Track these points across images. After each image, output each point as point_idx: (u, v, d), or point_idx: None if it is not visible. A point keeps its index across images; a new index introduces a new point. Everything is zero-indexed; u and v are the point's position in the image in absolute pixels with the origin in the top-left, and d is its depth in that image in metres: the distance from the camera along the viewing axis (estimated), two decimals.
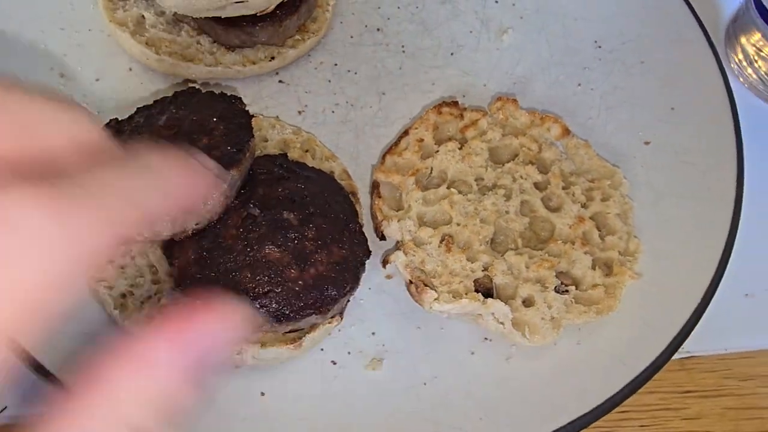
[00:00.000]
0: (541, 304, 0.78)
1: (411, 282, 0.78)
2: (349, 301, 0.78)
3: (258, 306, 0.70)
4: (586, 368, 0.77)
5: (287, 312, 0.71)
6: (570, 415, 0.73)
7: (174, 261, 0.73)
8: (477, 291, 0.77)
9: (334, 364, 0.78)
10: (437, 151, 0.86)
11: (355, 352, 0.79)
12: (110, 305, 0.75)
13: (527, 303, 0.78)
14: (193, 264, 0.72)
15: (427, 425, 0.74)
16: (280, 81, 0.96)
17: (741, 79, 1.06)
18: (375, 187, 0.85)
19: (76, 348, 0.74)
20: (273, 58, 0.94)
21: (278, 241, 0.73)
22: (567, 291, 0.79)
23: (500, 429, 0.73)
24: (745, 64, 1.06)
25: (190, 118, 0.76)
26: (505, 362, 0.79)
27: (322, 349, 0.79)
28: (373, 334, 0.80)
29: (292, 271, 0.72)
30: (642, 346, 0.78)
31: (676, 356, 0.85)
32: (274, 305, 0.71)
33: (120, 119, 0.80)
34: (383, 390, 0.76)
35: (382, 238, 0.82)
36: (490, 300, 0.77)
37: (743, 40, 1.06)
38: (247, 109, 0.78)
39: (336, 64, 0.98)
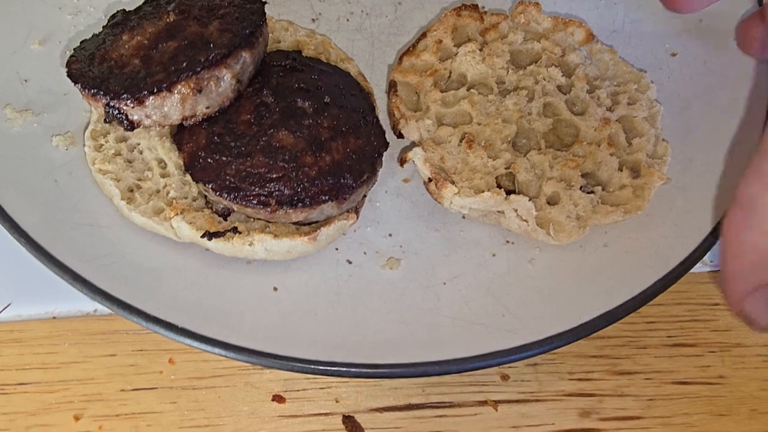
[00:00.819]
0: (566, 202, 0.74)
1: (430, 179, 0.74)
2: (365, 195, 0.74)
3: (271, 190, 0.67)
4: (612, 269, 0.74)
5: (302, 196, 0.67)
6: (596, 311, 0.69)
7: (183, 146, 0.70)
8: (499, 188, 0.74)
9: (350, 263, 0.75)
10: (456, 54, 0.83)
11: (372, 252, 0.76)
12: (117, 196, 0.72)
13: (552, 201, 0.75)
14: (204, 149, 0.69)
15: (446, 321, 0.71)
16: None
17: None
18: (392, 86, 0.82)
19: (81, 236, 0.72)
20: None
21: (292, 127, 0.70)
22: (593, 192, 0.76)
23: (524, 325, 0.69)
24: None
25: (200, 4, 0.73)
26: (528, 264, 0.75)
27: (336, 249, 0.75)
28: (390, 235, 0.77)
29: (307, 157, 0.69)
30: (670, 248, 0.74)
31: (705, 269, 0.82)
32: (287, 190, 0.67)
33: (127, 10, 0.77)
34: (400, 288, 0.73)
35: (400, 136, 0.79)
36: (513, 196, 0.73)
37: None
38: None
39: None
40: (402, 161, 0.77)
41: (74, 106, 0.81)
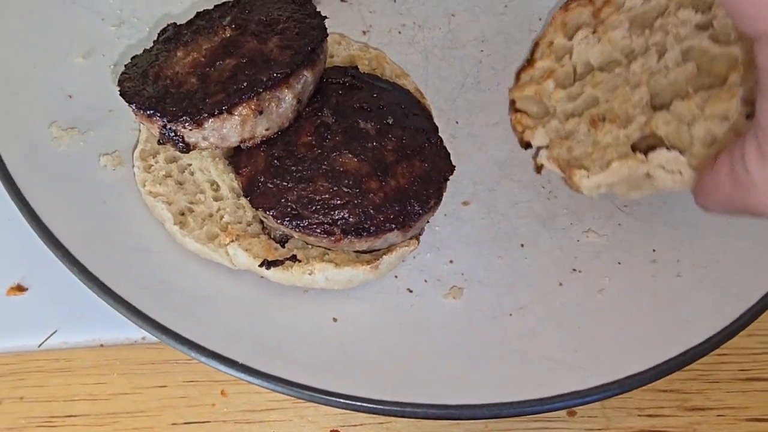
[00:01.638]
0: (726, 134, 0.65)
1: (563, 175, 0.73)
2: (428, 222, 0.71)
3: (336, 218, 0.64)
4: (689, 301, 0.70)
5: (367, 225, 0.64)
6: (676, 347, 0.66)
7: (241, 170, 0.67)
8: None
9: (410, 291, 0.71)
10: (571, 47, 0.79)
11: (433, 280, 0.72)
12: (170, 221, 0.69)
13: (707, 142, 0.66)
14: (263, 173, 0.66)
15: (514, 356, 0.67)
16: (341, 0, 0.90)
17: None
18: (511, 104, 0.81)
19: (132, 263, 0.69)
20: None
21: (356, 150, 0.66)
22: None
23: (598, 362, 0.65)
24: None
25: (257, 19, 0.70)
26: (597, 294, 0.71)
27: (396, 277, 0.72)
28: (451, 262, 0.74)
29: (372, 182, 0.65)
30: (750, 278, 0.71)
31: None
32: (352, 218, 0.64)
33: (177, 23, 0.73)
34: (464, 319, 0.69)
35: (527, 146, 0.78)
36: (652, 153, 0.67)
37: None
38: (318, 10, 0.71)
39: None
40: (538, 168, 0.77)
41: (120, 124, 0.77)
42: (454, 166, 0.70)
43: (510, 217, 0.77)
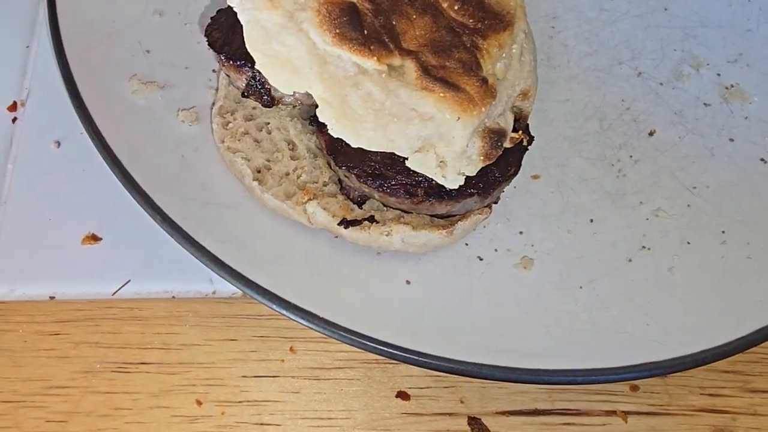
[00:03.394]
0: None
1: None
2: (503, 191, 0.71)
3: (419, 179, 0.64)
4: (760, 282, 0.70)
5: (449, 189, 0.64)
6: (749, 325, 0.66)
7: (324, 129, 0.67)
8: None
9: (481, 259, 0.72)
10: None
11: (503, 249, 0.73)
12: (249, 177, 0.70)
13: None
14: None
15: (586, 326, 0.67)
16: None
17: None
18: None
19: (210, 215, 0.70)
20: None
21: None
22: None
23: (671, 336, 0.66)
24: None
25: None
26: (667, 272, 0.72)
27: (466, 244, 0.73)
28: (521, 233, 0.74)
29: None
30: None
31: None
32: (435, 181, 0.64)
33: None
34: (535, 289, 0.70)
35: None
36: None
37: None
38: None
39: None
40: None
41: (196, 81, 0.78)
42: (533, 137, 0.71)
43: (579, 193, 0.77)
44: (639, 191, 0.78)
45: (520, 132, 0.66)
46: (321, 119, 0.59)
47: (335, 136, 0.63)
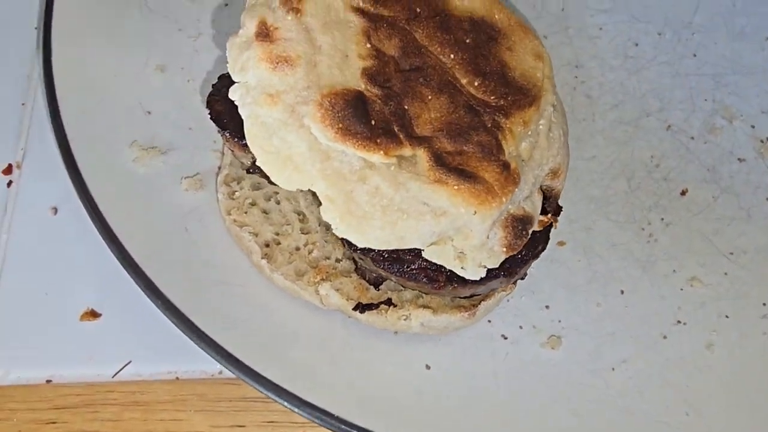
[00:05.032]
0: None
1: None
2: (530, 266, 0.67)
3: (439, 265, 0.60)
4: None
5: None
6: None
7: None
8: None
9: (505, 338, 0.67)
10: None
11: (528, 326, 0.68)
12: (257, 254, 0.65)
13: None
14: None
15: (619, 415, 0.63)
16: None
17: None
18: None
19: (215, 297, 0.65)
20: None
21: None
22: None
23: (713, 430, 0.61)
24: None
25: None
26: (705, 350, 0.67)
27: (489, 321, 0.68)
28: (547, 307, 0.69)
29: None
30: None
31: None
32: None
33: None
34: (564, 372, 0.65)
35: None
36: None
37: None
38: None
39: None
40: None
41: (200, 143, 0.74)
42: (561, 207, 0.66)
43: (608, 260, 0.73)
44: (671, 257, 0.73)
45: (550, 215, 0.61)
46: (324, 218, 0.54)
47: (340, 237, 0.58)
